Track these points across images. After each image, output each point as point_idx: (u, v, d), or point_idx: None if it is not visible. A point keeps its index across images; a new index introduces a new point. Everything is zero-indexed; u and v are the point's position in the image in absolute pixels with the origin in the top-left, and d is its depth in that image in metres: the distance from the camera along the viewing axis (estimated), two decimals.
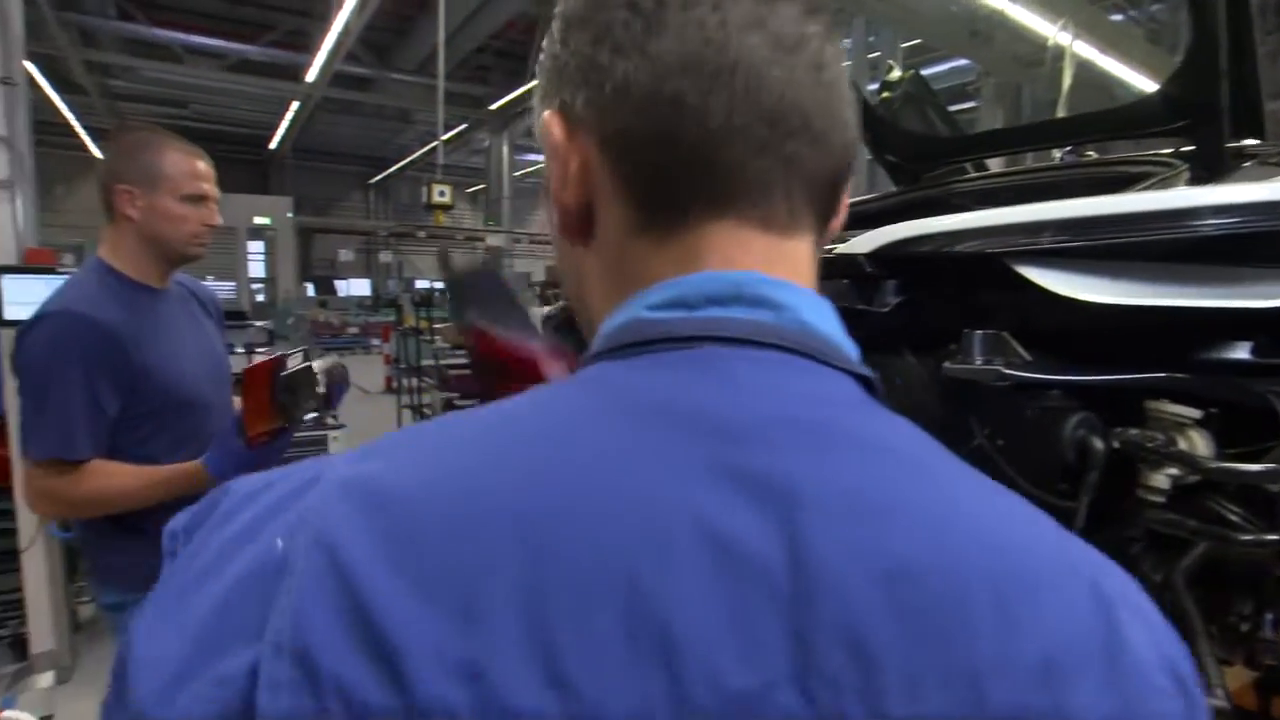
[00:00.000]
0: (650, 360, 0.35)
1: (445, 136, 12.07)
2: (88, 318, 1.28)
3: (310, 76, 8.47)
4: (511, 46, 9.52)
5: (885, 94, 2.11)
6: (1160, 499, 0.76)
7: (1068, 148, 1.78)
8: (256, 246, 10.63)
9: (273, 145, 12.71)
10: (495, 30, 8.35)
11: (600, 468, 0.30)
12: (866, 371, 0.37)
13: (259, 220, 10.55)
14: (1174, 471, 0.75)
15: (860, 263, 0.86)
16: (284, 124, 11.25)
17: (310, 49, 8.12)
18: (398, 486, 0.30)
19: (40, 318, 1.30)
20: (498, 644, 0.26)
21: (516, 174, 12.89)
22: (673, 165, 0.36)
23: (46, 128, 7.29)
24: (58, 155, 11.53)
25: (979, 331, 0.83)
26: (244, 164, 14.30)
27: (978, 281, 0.85)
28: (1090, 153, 1.83)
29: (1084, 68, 4.18)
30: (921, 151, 1.76)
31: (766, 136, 0.35)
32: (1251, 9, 1.07)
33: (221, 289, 10.25)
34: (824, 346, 0.36)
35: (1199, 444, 0.75)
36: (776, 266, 0.37)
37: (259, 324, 4.65)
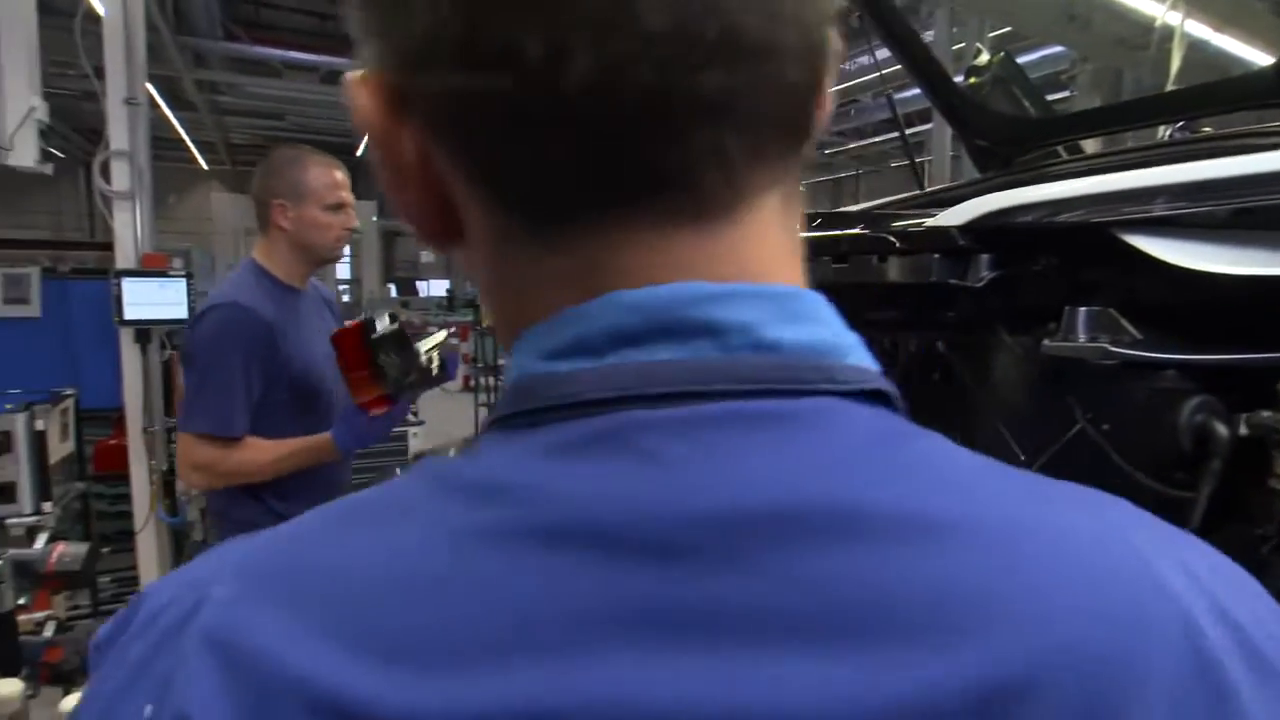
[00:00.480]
0: (543, 440, 0.24)
1: None
2: (249, 309, 1.50)
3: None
4: None
5: (973, 79, 2.03)
6: None
7: (1178, 124, 1.64)
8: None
9: (359, 152, 13.29)
10: None
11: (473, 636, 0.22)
12: (884, 384, 0.26)
13: None
14: None
15: (953, 236, 0.81)
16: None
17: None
18: (266, 660, 0.23)
19: (210, 308, 1.53)
20: None
21: None
22: (529, 150, 0.24)
23: (161, 143, 7.86)
24: (170, 168, 12.40)
25: (1083, 307, 0.76)
26: None
27: (1082, 254, 0.79)
28: (1205, 129, 1.70)
29: (1195, 48, 3.87)
30: (1016, 133, 1.67)
31: (669, 81, 0.23)
32: None
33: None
34: (807, 369, 0.25)
35: None
36: (717, 266, 0.25)
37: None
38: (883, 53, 1.93)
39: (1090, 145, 2.00)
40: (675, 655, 0.21)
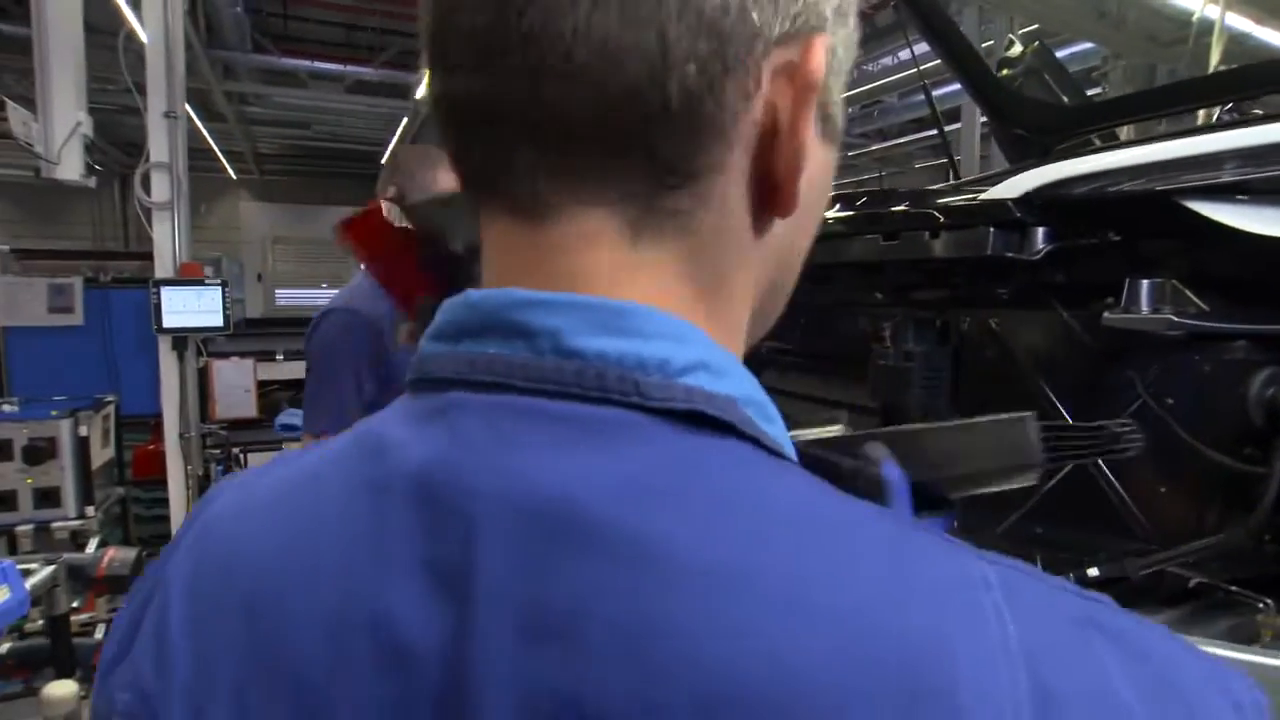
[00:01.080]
0: (407, 410, 0.30)
1: None
2: (355, 312, 1.58)
3: (419, 94, 8.90)
4: None
5: (1005, 70, 2.01)
6: None
7: (1227, 107, 1.61)
8: None
9: (383, 160, 13.48)
10: None
11: (319, 552, 0.28)
12: (707, 407, 0.26)
13: None
14: None
15: (1008, 208, 0.79)
16: (394, 139, 11.89)
17: (419, 68, 8.54)
18: (213, 544, 0.32)
19: (325, 314, 1.63)
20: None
21: None
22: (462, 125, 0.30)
23: (193, 153, 8.04)
24: (201, 178, 12.64)
25: (1146, 279, 0.74)
26: (357, 178, 15.18)
27: (1143, 223, 0.77)
28: (1257, 110, 1.65)
29: (1235, 41, 3.79)
30: (1054, 121, 1.64)
31: (477, 88, 0.27)
32: None
33: (332, 296, 11.04)
34: (612, 380, 0.26)
35: None
36: (538, 271, 0.28)
37: None
38: (919, 47, 1.90)
39: (1125, 136, 1.97)
40: (421, 590, 0.25)
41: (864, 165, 14.06)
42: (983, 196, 0.82)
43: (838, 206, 1.03)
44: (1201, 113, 1.86)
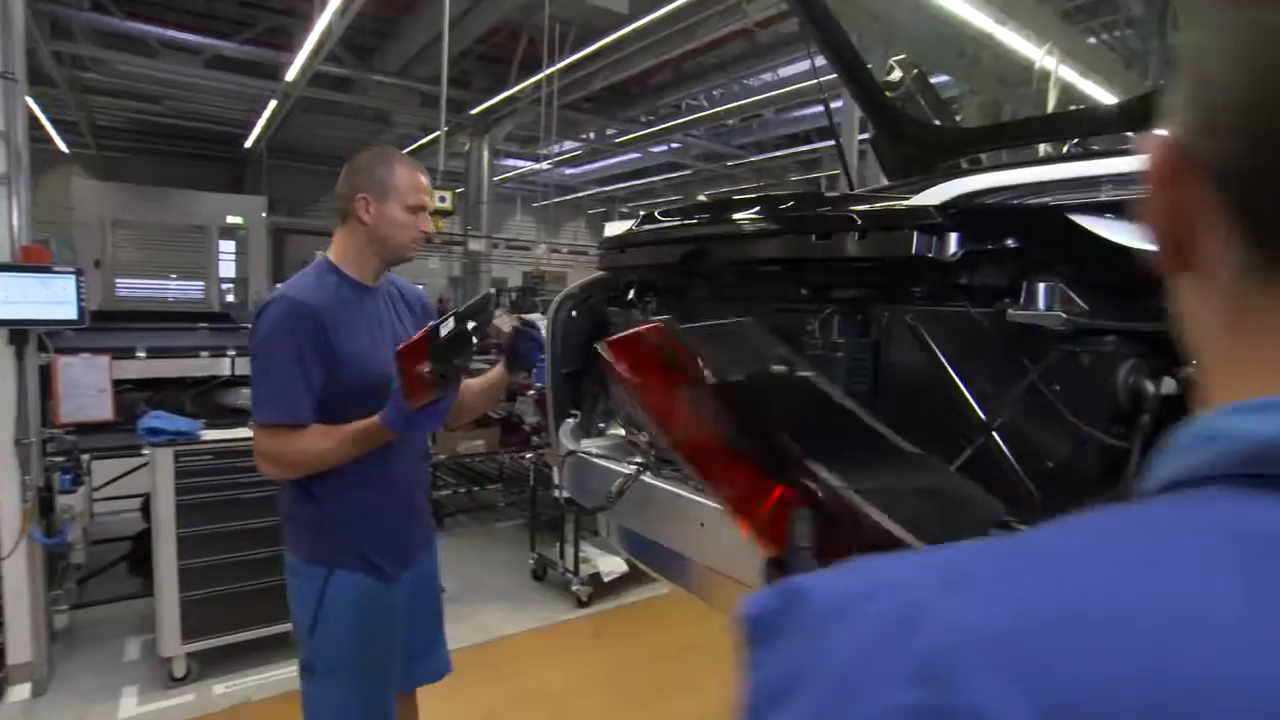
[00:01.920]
0: None
1: (423, 141, 12.03)
2: (297, 301, 1.54)
3: (290, 75, 8.33)
4: (494, 52, 9.49)
5: (887, 94, 2.17)
6: None
7: (1074, 142, 1.84)
8: (227, 246, 10.40)
9: (248, 144, 12.47)
10: (479, 35, 8.32)
11: (1252, 668, 0.22)
12: None
13: (231, 219, 10.33)
14: None
15: (931, 214, 0.88)
16: (260, 122, 11.05)
17: (290, 47, 8.00)
18: (1045, 653, 0.23)
19: (268, 303, 1.58)
20: None
21: (496, 179, 12.84)
22: None
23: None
24: None
25: (1042, 281, 0.84)
26: (218, 162, 13.98)
27: (1038, 233, 0.88)
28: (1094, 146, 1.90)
29: (1065, 90, 4.31)
30: (940, 143, 1.81)
31: None
32: None
33: (189, 289, 10.01)
34: None
35: None
36: None
37: (247, 326, 4.51)
38: (820, 61, 2.01)
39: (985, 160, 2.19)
40: None
41: (741, 176, 14.71)
42: (908, 203, 0.91)
43: (761, 206, 1.08)
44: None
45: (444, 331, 1.42)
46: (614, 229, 1.56)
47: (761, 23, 7.25)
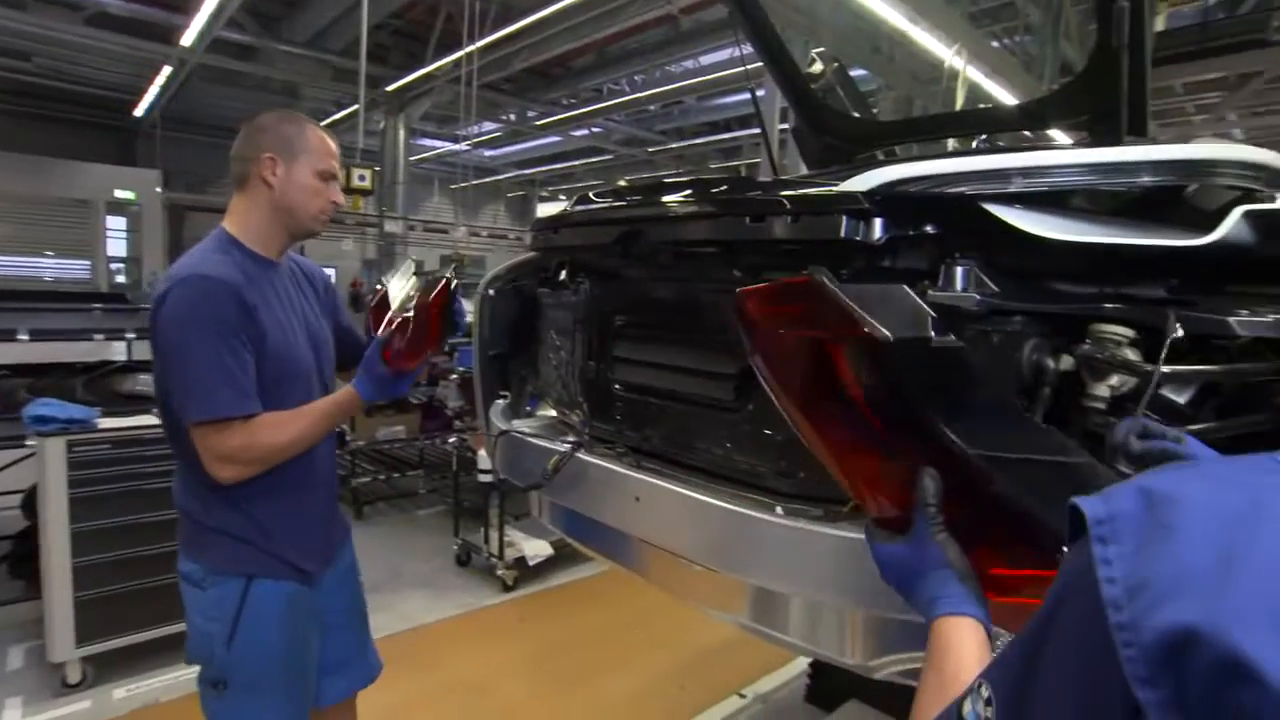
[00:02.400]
0: None
1: (336, 116, 11.48)
2: (215, 279, 1.35)
3: (186, 40, 7.78)
4: (411, 28, 9.16)
5: (810, 85, 2.24)
6: (1102, 405, 0.88)
7: (981, 138, 1.96)
8: (117, 223, 9.65)
9: (139, 112, 11.55)
10: (395, 10, 8.01)
11: None
12: None
13: (121, 194, 9.58)
14: (1113, 382, 0.88)
15: (860, 200, 0.93)
16: (153, 90, 10.25)
17: (186, 9, 7.46)
18: None
19: (170, 287, 1.35)
20: None
21: (412, 159, 12.42)
22: None
23: None
24: None
25: (959, 264, 0.91)
26: (103, 130, 12.84)
27: (955, 220, 0.94)
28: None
29: (972, 89, 4.55)
30: (861, 134, 1.88)
31: None
32: (1147, 27, 1.23)
33: (71, 268, 9.22)
34: None
35: (1134, 357, 0.88)
36: None
37: (145, 308, 4.21)
38: (748, 48, 2.04)
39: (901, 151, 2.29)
40: None
41: (662, 163, 14.80)
42: (837, 189, 0.95)
43: (697, 189, 1.10)
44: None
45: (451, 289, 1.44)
46: (547, 210, 1.55)
47: (685, 9, 7.29)
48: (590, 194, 1.43)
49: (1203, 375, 0.95)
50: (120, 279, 9.43)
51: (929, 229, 0.95)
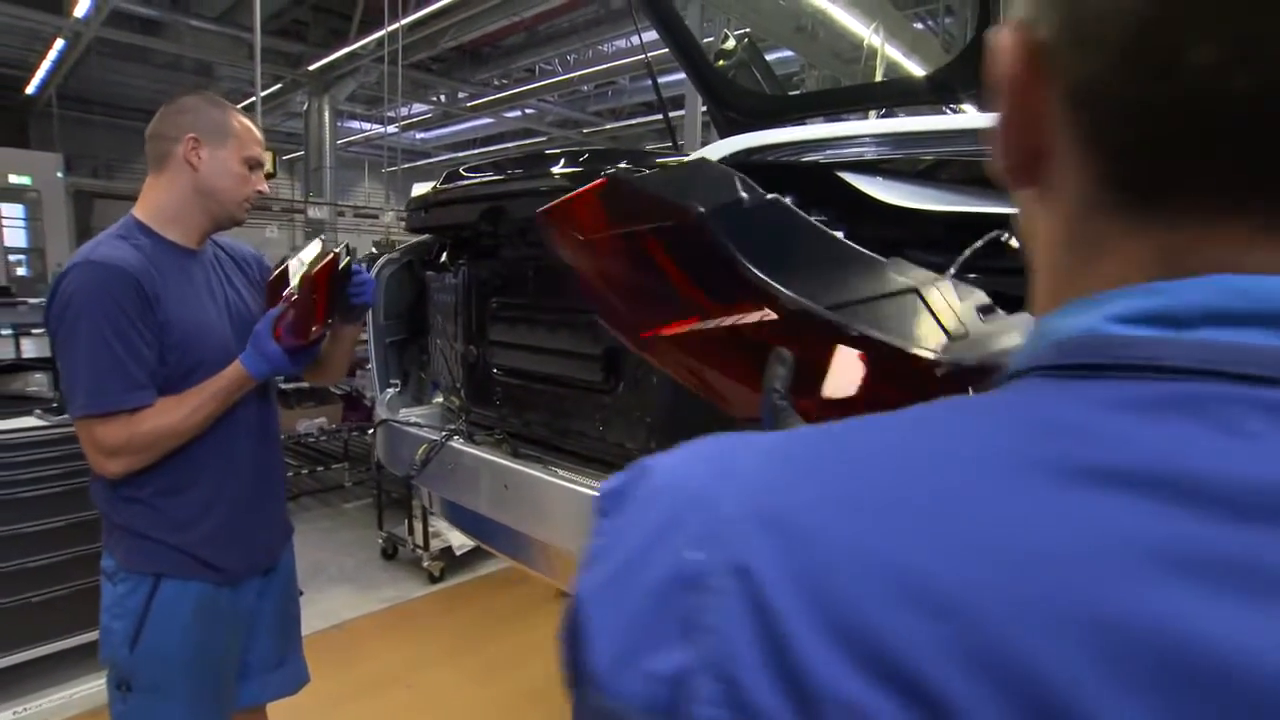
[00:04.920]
0: (1111, 393, 0.26)
1: (259, 96, 10.94)
2: (114, 265, 1.29)
3: (79, 11, 7.28)
4: (333, 3, 8.79)
5: (720, 62, 2.22)
6: None
7: (882, 113, 1.97)
8: (13, 211, 9.01)
9: (31, 90, 10.79)
10: None
11: (1014, 547, 0.23)
12: None
13: (16, 179, 8.93)
14: None
15: (709, 167, 0.90)
16: (45, 65, 9.58)
17: None
18: (823, 535, 0.26)
19: (64, 274, 1.29)
20: None
21: (340, 142, 11.98)
22: (1162, 141, 0.26)
23: None
24: None
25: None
26: None
27: (811, 186, 0.93)
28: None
29: (891, 67, 4.61)
30: (761, 109, 1.87)
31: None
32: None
33: None
34: None
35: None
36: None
37: (32, 301, 3.93)
38: (647, 35, 2.01)
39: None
40: (1244, 605, 0.21)
41: (597, 143, 14.66)
42: (689, 157, 0.92)
43: (561, 163, 1.06)
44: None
45: (343, 263, 1.39)
46: (419, 189, 1.48)
47: None
48: (460, 169, 1.37)
49: None
50: (21, 272, 8.83)
51: (785, 196, 0.93)
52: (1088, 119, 0.28)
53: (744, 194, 0.76)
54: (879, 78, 4.23)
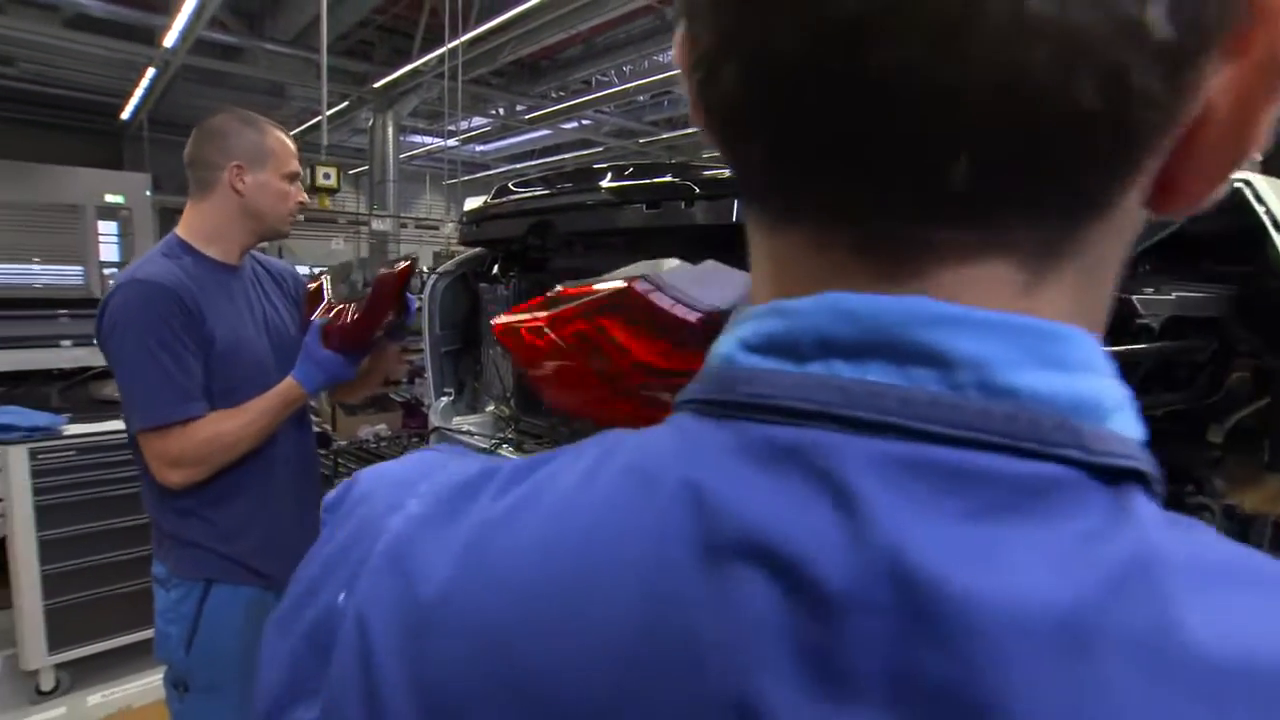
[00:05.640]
0: (732, 437, 0.23)
1: (326, 114, 11.41)
2: (156, 283, 1.34)
3: (169, 41, 7.74)
4: (397, 23, 9.11)
5: None
6: None
7: None
8: (108, 228, 9.64)
9: (125, 115, 11.53)
10: (379, 5, 7.96)
11: (600, 602, 0.22)
12: (1144, 463, 0.22)
13: (111, 198, 9.54)
14: None
15: None
16: (138, 92, 10.23)
17: (167, 10, 7.42)
18: (436, 570, 0.26)
19: (111, 294, 1.35)
20: None
21: (403, 156, 12.37)
22: (726, 137, 0.25)
23: None
24: None
25: None
26: (90, 135, 12.84)
27: None
28: None
29: None
30: None
31: (885, 71, 0.19)
32: None
33: (64, 274, 9.24)
34: (1051, 428, 0.20)
35: None
36: (960, 289, 0.22)
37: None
38: None
39: None
40: (822, 701, 0.19)
41: (654, 154, 14.71)
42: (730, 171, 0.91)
43: (609, 177, 1.08)
44: None
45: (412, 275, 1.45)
46: (471, 203, 1.52)
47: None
48: (510, 184, 1.40)
49: (1116, 355, 0.92)
50: (112, 284, 9.44)
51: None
52: (719, 137, 0.26)
53: None
54: None
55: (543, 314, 0.82)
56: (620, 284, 0.77)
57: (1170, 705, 0.17)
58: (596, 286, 0.80)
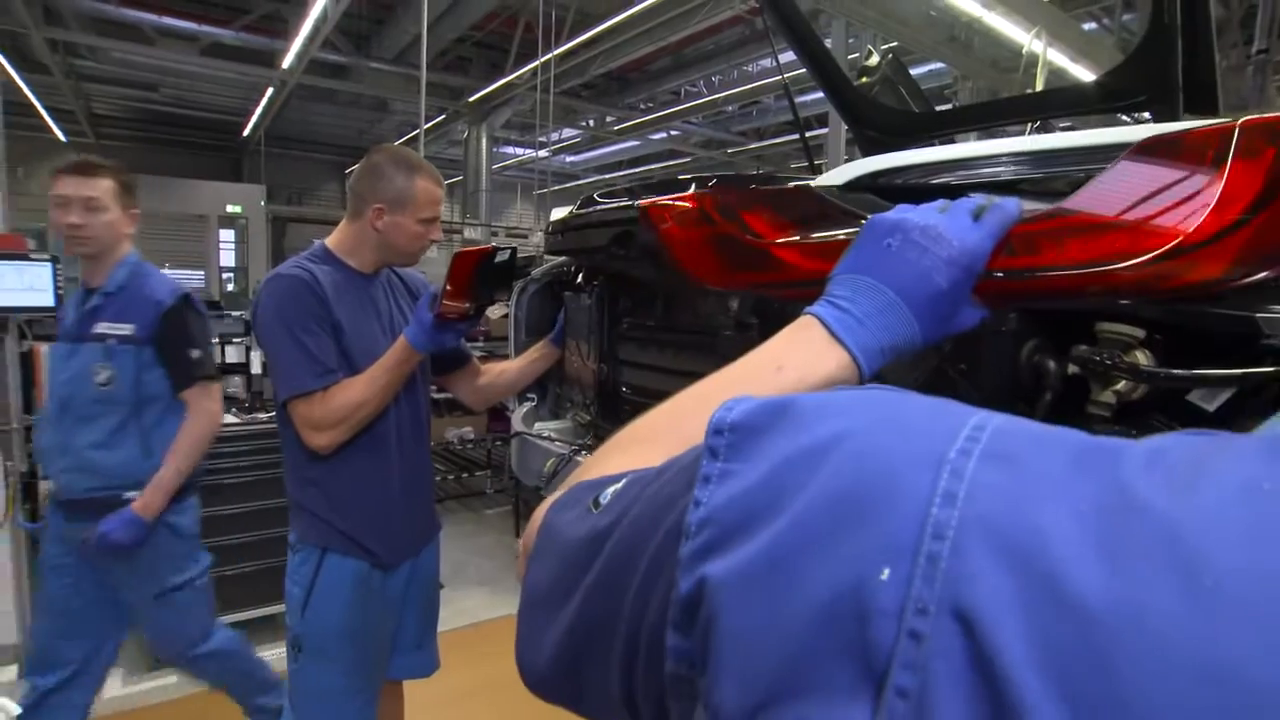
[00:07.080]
0: None
1: (424, 127, 11.97)
2: (288, 276, 1.56)
3: (286, 63, 8.32)
4: (492, 39, 9.45)
5: (864, 79, 2.16)
6: (1106, 413, 0.78)
7: (1035, 125, 1.83)
8: (227, 235, 10.43)
9: (245, 132, 12.46)
10: (476, 22, 8.28)
11: None
12: None
13: (231, 209, 10.35)
14: (1119, 388, 0.78)
15: (835, 191, 0.87)
16: (258, 110, 11.04)
17: (286, 35, 7.99)
18: (1074, 574, 0.19)
19: (261, 289, 1.60)
20: None
21: (495, 166, 12.80)
22: None
23: (5, 107, 7.06)
24: (17, 136, 11.21)
25: None
26: (215, 150, 13.98)
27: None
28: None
29: (1056, 74, 4.27)
30: (902, 126, 1.80)
31: None
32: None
33: (189, 278, 10.06)
34: None
35: (1143, 360, 0.77)
36: None
37: (235, 314, 4.48)
38: (785, 56, 2.01)
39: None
40: None
41: (742, 163, 14.63)
42: (815, 182, 0.91)
43: (691, 188, 1.09)
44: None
45: (498, 258, 1.53)
46: (557, 213, 1.57)
47: (753, 9, 7.19)
48: (595, 195, 1.43)
49: (1233, 379, 0.85)
50: (230, 288, 10.18)
51: None
52: None
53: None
54: (1040, 87, 3.93)
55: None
56: None
57: None
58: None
